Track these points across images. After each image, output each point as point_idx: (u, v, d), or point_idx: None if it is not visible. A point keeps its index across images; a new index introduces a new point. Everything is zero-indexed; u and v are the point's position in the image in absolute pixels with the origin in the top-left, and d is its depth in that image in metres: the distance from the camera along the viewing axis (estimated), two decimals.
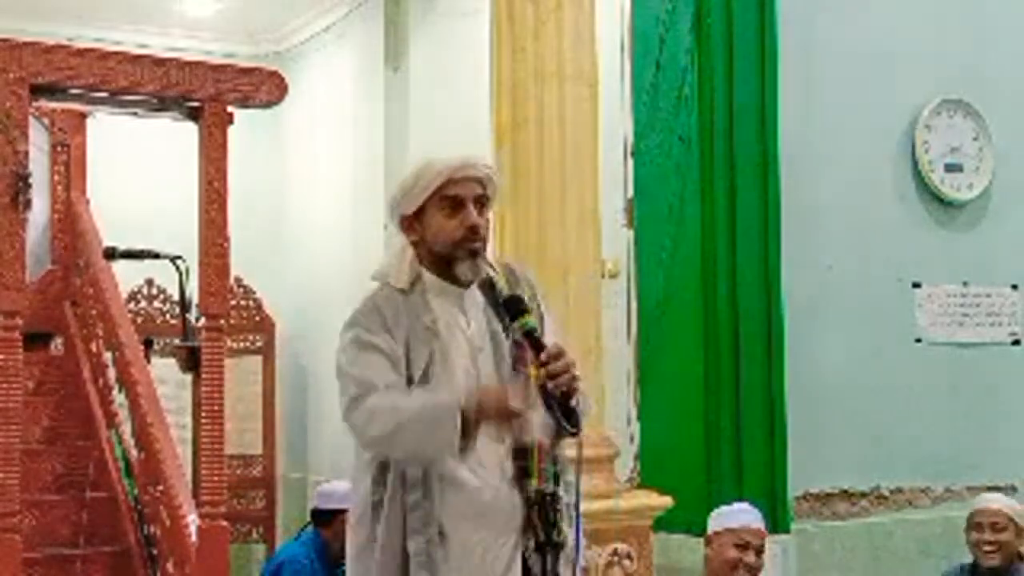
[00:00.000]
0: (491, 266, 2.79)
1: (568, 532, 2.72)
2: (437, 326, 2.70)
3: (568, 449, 2.76)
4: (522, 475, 2.68)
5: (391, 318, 2.71)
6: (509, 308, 2.70)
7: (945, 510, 5.37)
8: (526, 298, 2.73)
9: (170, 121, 4.67)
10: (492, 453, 2.67)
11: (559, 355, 2.58)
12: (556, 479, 2.70)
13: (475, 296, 2.76)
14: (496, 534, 2.66)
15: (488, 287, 2.77)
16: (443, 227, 2.71)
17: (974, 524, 4.38)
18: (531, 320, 2.67)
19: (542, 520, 2.67)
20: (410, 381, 2.66)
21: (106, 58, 4.39)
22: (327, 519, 5.23)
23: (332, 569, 5.27)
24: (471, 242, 2.71)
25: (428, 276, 2.76)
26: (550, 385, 2.60)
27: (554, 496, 2.69)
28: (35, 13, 7.26)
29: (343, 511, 5.23)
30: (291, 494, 7.76)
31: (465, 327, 2.73)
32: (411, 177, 2.75)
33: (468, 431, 2.53)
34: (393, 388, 2.63)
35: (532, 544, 2.67)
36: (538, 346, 2.63)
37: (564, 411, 2.63)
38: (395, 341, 2.67)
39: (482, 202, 2.74)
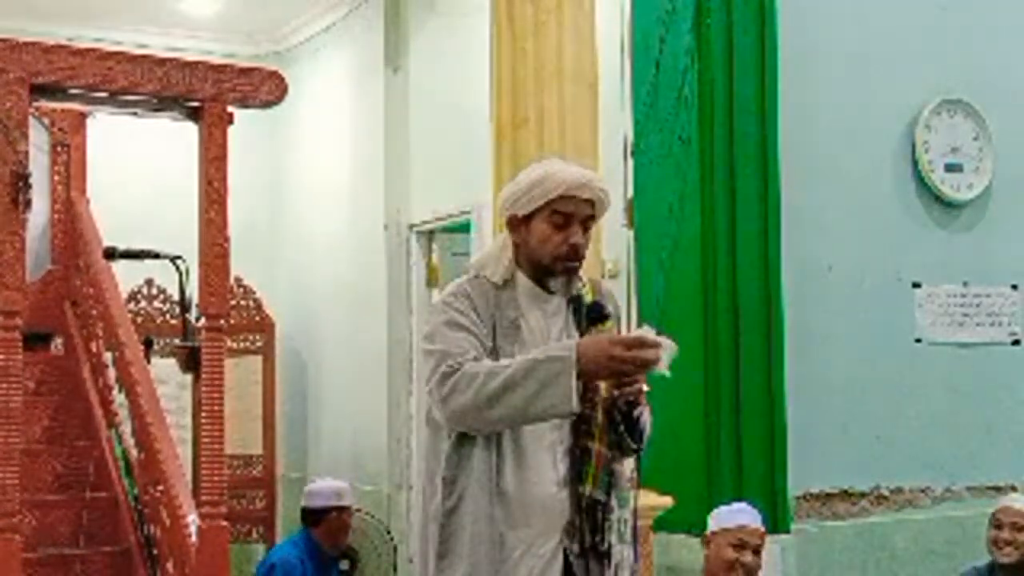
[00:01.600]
0: (580, 279, 2.86)
1: (617, 546, 2.74)
2: (520, 324, 2.75)
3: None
4: (576, 479, 2.70)
5: (480, 305, 2.76)
6: (591, 313, 2.77)
7: (945, 510, 5.37)
8: (610, 309, 2.81)
9: (170, 121, 4.67)
10: (545, 457, 2.70)
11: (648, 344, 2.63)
12: (608, 489, 2.72)
13: (561, 304, 2.82)
14: (538, 533, 2.68)
15: (574, 298, 2.83)
16: (548, 239, 2.76)
17: (995, 522, 4.42)
18: (610, 326, 2.75)
19: (589, 526, 2.69)
20: None
21: (106, 58, 4.38)
22: (316, 517, 5.22)
23: (324, 567, 5.25)
24: (569, 260, 2.77)
25: (521, 277, 2.81)
26: (616, 393, 2.67)
27: (604, 505, 2.71)
28: (35, 13, 7.26)
29: (332, 509, 5.25)
30: (291, 494, 7.75)
31: (546, 330, 2.78)
32: (530, 181, 2.79)
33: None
34: (479, 359, 2.67)
35: (576, 548, 2.70)
36: None
37: (628, 424, 2.68)
38: (483, 325, 2.72)
39: (588, 224, 2.79)
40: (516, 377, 2.56)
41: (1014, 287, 5.68)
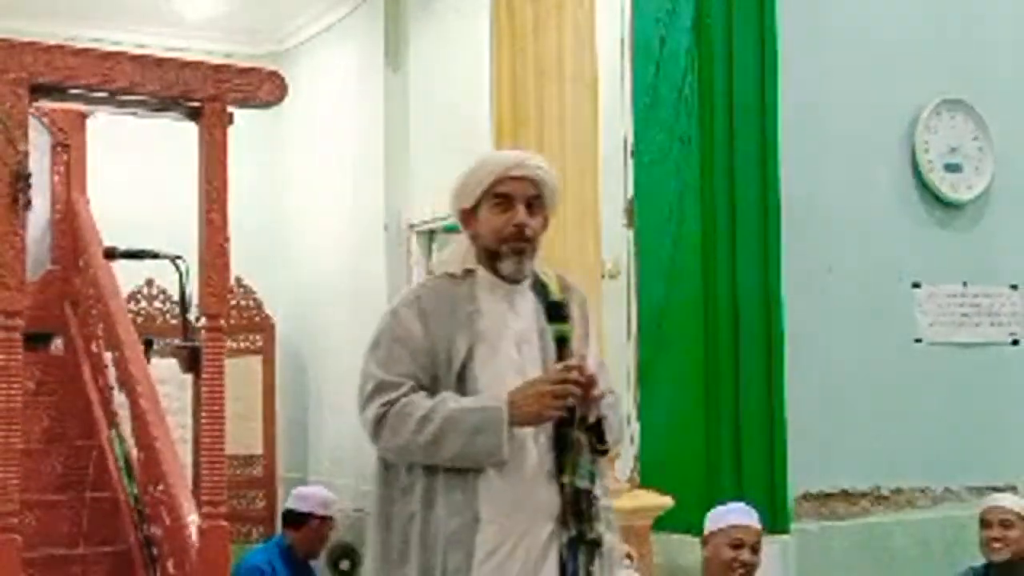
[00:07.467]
0: (544, 271, 2.87)
1: (605, 533, 2.74)
2: (478, 316, 2.76)
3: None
4: (559, 470, 2.71)
5: (431, 309, 2.77)
6: (551, 311, 2.78)
7: (945, 510, 5.37)
8: (574, 310, 2.82)
9: (170, 121, 4.67)
10: (529, 447, 2.70)
11: (574, 368, 2.67)
12: (592, 478, 2.73)
13: (527, 294, 2.83)
14: (532, 523, 2.68)
15: (540, 288, 2.84)
16: (492, 223, 2.78)
17: (984, 522, 4.44)
18: (567, 329, 2.76)
19: (575, 516, 2.69)
20: (450, 371, 2.72)
21: (106, 58, 4.38)
22: (298, 521, 5.22)
23: (298, 571, 5.24)
24: (517, 240, 2.78)
25: (480, 270, 2.83)
26: (578, 414, 2.68)
27: (590, 494, 2.71)
28: (35, 13, 7.26)
29: (315, 517, 5.25)
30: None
31: (512, 321, 2.78)
32: (468, 172, 2.83)
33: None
34: (415, 391, 2.71)
35: (565, 539, 2.70)
36: (561, 357, 2.72)
37: (594, 430, 2.71)
38: (429, 330, 2.74)
39: (534, 203, 2.80)
40: (448, 426, 2.63)
41: (1014, 287, 5.68)
